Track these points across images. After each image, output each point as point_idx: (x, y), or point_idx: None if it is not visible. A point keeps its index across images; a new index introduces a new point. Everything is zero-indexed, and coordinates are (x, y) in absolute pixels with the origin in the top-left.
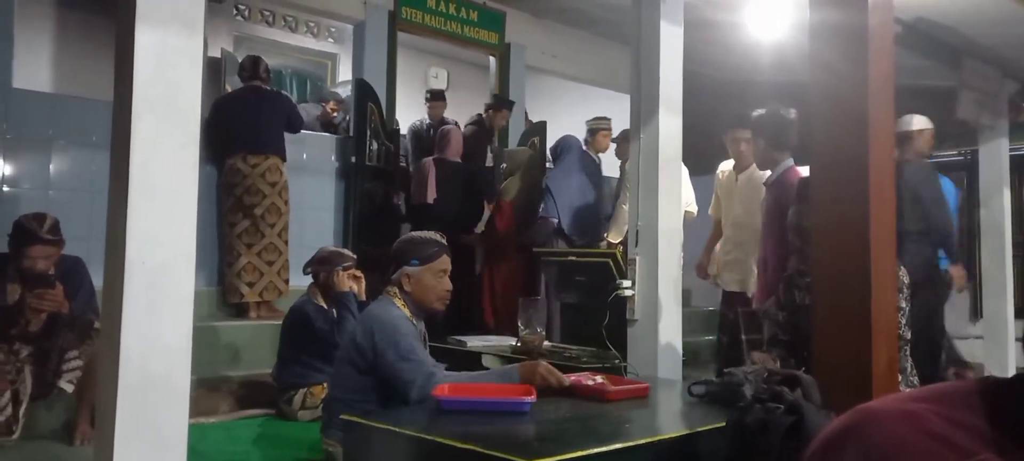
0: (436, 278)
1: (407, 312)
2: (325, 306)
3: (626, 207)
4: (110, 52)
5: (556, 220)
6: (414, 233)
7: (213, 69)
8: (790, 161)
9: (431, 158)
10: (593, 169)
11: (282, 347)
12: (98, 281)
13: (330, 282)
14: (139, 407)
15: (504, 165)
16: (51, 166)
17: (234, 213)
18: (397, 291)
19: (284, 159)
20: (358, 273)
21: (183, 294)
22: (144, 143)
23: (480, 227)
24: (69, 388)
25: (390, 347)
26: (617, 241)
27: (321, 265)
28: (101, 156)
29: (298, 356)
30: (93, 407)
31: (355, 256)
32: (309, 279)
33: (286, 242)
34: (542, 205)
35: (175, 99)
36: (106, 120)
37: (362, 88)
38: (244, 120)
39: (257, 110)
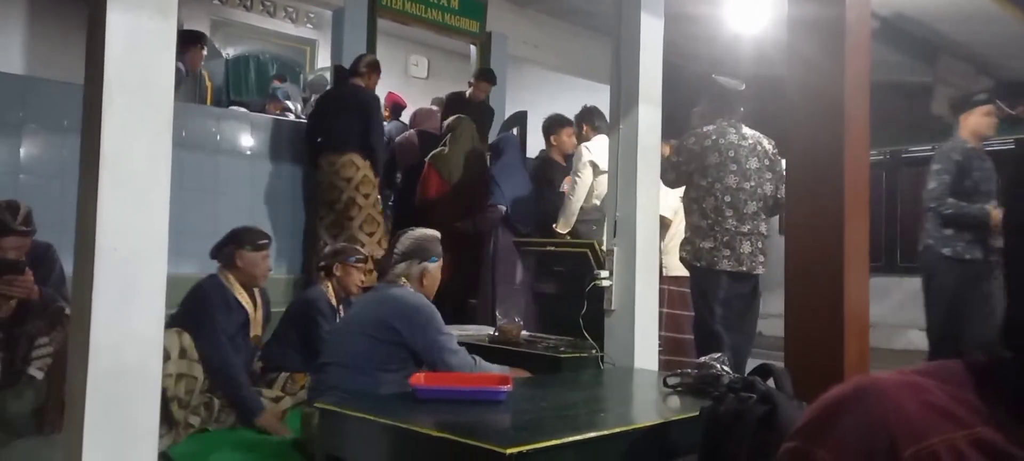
0: (440, 273)
1: None
2: (333, 303)
3: (574, 198)
4: (84, 34)
5: (504, 208)
6: (428, 231)
7: None
8: None
9: (413, 130)
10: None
11: (280, 327)
12: (70, 268)
13: (345, 282)
14: (110, 396)
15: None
16: (22, 150)
17: (322, 207)
18: (409, 282)
19: (364, 157)
20: (370, 266)
21: (156, 283)
22: (116, 129)
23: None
24: (39, 375)
25: (428, 325)
26: (565, 232)
27: (334, 257)
28: (73, 141)
29: (294, 341)
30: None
31: (364, 250)
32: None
33: (370, 234)
34: (490, 195)
35: (148, 83)
36: (79, 104)
37: (341, 75)
38: (329, 119)
39: (339, 109)
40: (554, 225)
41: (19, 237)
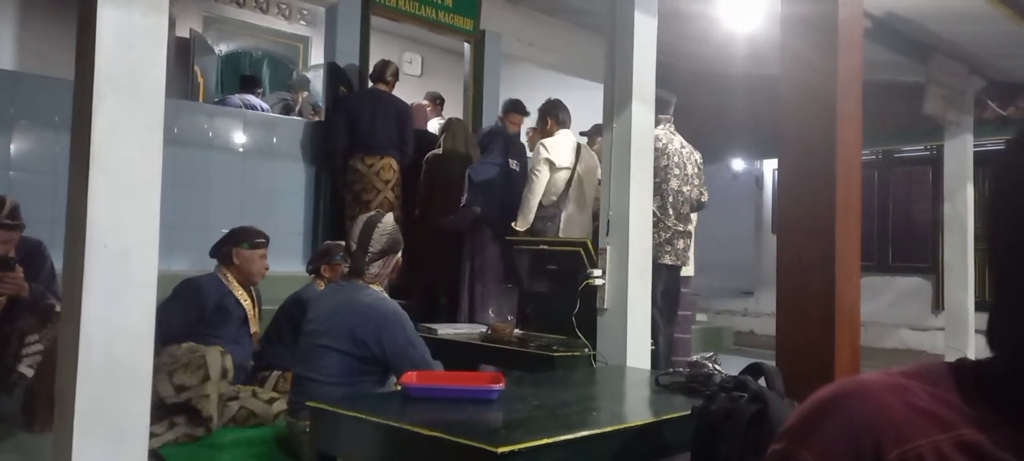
0: None
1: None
2: None
3: (532, 196)
4: (75, 30)
5: (479, 208)
6: (391, 218)
7: (182, 49)
8: None
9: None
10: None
11: (273, 327)
12: (61, 264)
13: (332, 282)
14: (100, 392)
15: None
16: (12, 146)
17: (352, 208)
18: (379, 280)
19: (397, 160)
20: None
21: (146, 279)
22: (106, 125)
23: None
24: (29, 373)
25: (400, 333)
26: (523, 230)
27: (321, 258)
28: (65, 137)
29: (287, 338)
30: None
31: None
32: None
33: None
34: (465, 195)
35: (139, 80)
36: (70, 100)
37: (334, 72)
38: (364, 121)
39: (376, 112)
40: (513, 224)
41: (6, 231)
